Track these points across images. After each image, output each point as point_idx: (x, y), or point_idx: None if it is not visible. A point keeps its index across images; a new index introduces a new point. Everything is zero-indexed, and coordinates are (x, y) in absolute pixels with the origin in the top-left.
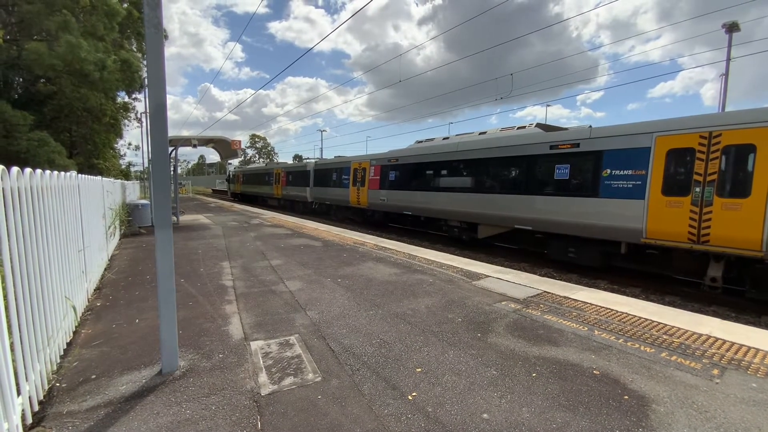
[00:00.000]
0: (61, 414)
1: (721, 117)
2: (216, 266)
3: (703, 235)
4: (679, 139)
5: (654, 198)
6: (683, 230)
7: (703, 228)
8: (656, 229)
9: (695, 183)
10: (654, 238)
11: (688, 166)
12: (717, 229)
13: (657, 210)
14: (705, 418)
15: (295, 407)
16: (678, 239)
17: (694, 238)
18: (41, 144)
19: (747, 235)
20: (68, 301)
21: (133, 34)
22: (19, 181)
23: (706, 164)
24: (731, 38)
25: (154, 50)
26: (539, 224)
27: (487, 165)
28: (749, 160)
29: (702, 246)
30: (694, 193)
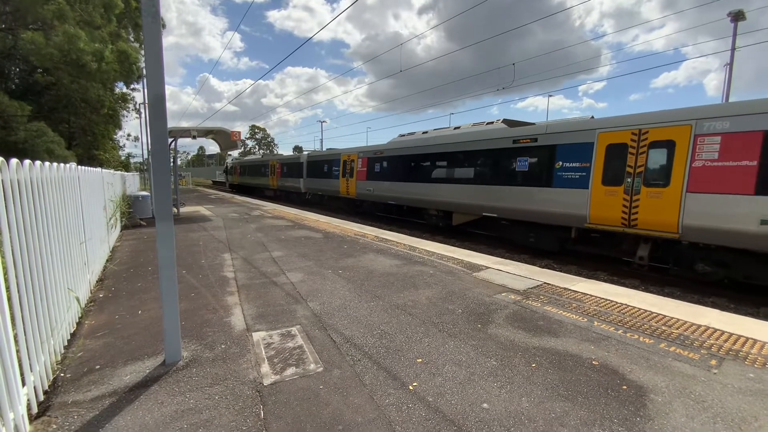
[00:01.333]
0: (66, 404)
1: (649, 116)
2: (217, 258)
3: (633, 219)
4: (616, 136)
5: (595, 187)
6: (618, 216)
7: (633, 213)
8: (597, 215)
9: (627, 174)
10: (596, 224)
11: (623, 159)
12: (643, 214)
13: (598, 198)
14: (702, 407)
15: (297, 397)
16: (614, 224)
17: (626, 222)
18: (39, 134)
19: (666, 219)
20: (71, 293)
21: (130, 24)
22: (18, 173)
23: (636, 157)
24: (736, 27)
25: (152, 40)
26: (503, 212)
27: (459, 158)
28: (669, 154)
29: (632, 229)
30: (626, 183)
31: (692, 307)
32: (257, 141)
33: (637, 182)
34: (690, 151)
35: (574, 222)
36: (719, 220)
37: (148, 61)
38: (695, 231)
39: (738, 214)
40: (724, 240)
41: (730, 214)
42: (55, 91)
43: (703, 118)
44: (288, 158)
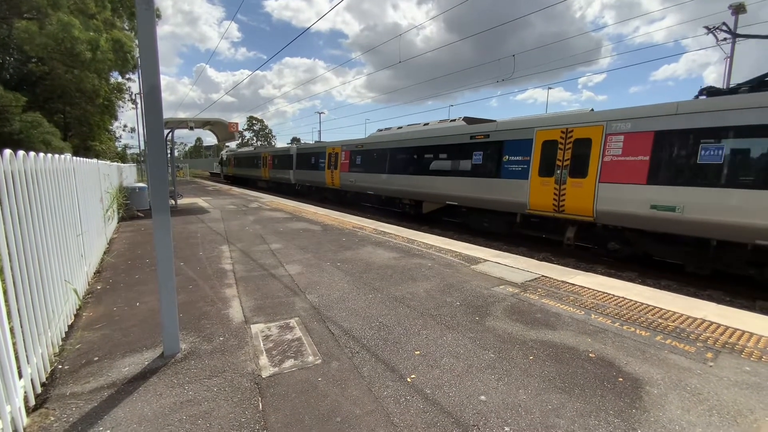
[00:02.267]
0: (64, 395)
1: (574, 116)
2: (215, 250)
3: (561, 206)
4: (549, 133)
5: (534, 178)
6: (550, 203)
7: (561, 201)
8: (535, 202)
9: (557, 167)
10: (534, 210)
11: (554, 154)
12: (568, 201)
13: (535, 188)
14: (698, 400)
15: (295, 389)
16: (547, 210)
17: (557, 208)
18: (35, 125)
19: (585, 205)
20: (69, 285)
21: (125, 12)
22: (12, 164)
23: (564, 152)
24: (737, 20)
25: (146, 29)
26: (463, 200)
27: (426, 152)
28: (587, 150)
29: (561, 214)
30: (556, 174)
31: (688, 300)
32: (255, 132)
33: (564, 174)
34: (602, 147)
35: (517, 208)
36: (622, 206)
37: (142, 50)
38: (605, 215)
39: (635, 200)
40: (626, 222)
41: (629, 200)
42: (49, 81)
43: (612, 120)
44: (279, 150)
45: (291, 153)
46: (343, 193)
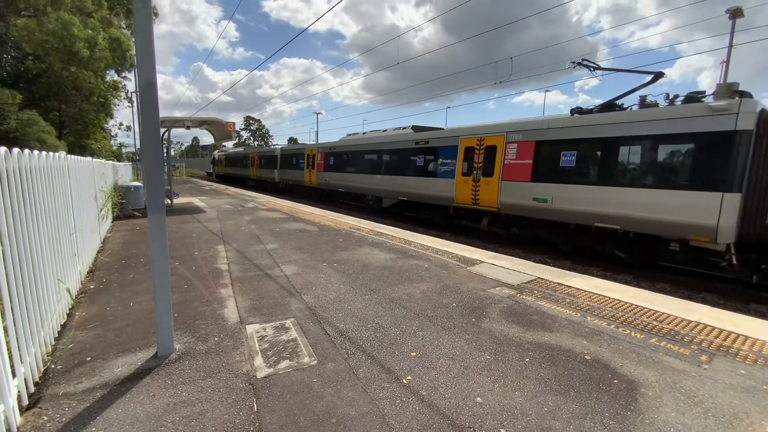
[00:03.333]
0: (57, 395)
1: (486, 127)
2: (211, 250)
3: (477, 199)
4: (469, 141)
5: (458, 177)
6: (470, 197)
7: (477, 195)
8: (459, 197)
9: (474, 168)
10: (459, 203)
11: (472, 158)
12: (482, 195)
13: (459, 185)
14: (692, 402)
15: (290, 390)
16: (468, 203)
17: (474, 202)
18: (30, 123)
19: (492, 198)
20: (62, 284)
21: (122, 10)
22: (6, 161)
23: (479, 156)
24: (734, 24)
25: (142, 25)
26: (411, 196)
27: (382, 155)
28: (494, 154)
29: (477, 206)
30: (474, 174)
31: (683, 303)
32: (252, 132)
33: (479, 174)
34: (503, 153)
35: (449, 202)
36: (515, 198)
37: (138, 46)
38: (505, 206)
39: (523, 194)
40: (518, 211)
41: (520, 195)
42: (46, 78)
43: (509, 131)
44: (265, 151)
45: (276, 154)
46: (320, 191)
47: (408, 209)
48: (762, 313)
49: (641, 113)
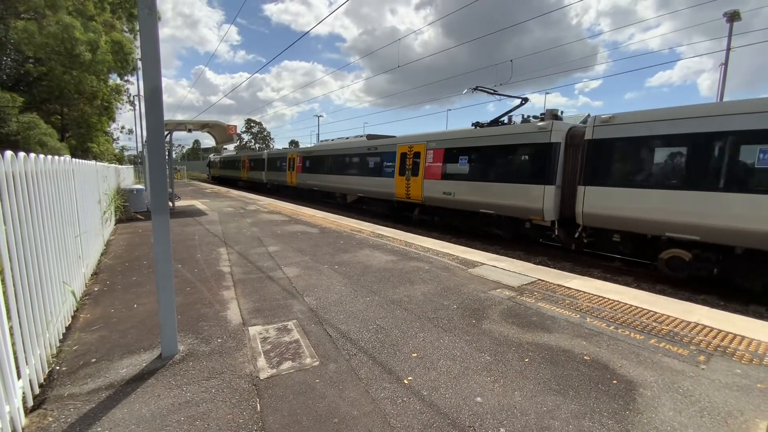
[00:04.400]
0: (62, 396)
1: (414, 137)
2: (213, 252)
3: (409, 194)
4: (403, 148)
5: (397, 177)
6: (404, 192)
7: (409, 191)
8: (398, 193)
9: (407, 169)
10: (398, 198)
11: (405, 161)
12: (412, 191)
13: (397, 183)
14: (690, 402)
15: (293, 390)
16: (404, 197)
17: (408, 196)
18: (31, 126)
19: (419, 193)
20: (67, 286)
21: (124, 14)
22: (13, 165)
23: (409, 160)
24: (732, 27)
25: (148, 33)
26: (365, 193)
27: (344, 158)
28: (419, 158)
29: (409, 200)
30: (406, 174)
31: (682, 304)
32: (253, 135)
33: (409, 173)
34: (425, 157)
35: (391, 197)
36: (433, 193)
37: (144, 53)
38: (427, 199)
39: (437, 189)
40: (434, 203)
41: (435, 190)
42: (47, 81)
43: (429, 140)
44: (254, 155)
45: (263, 157)
46: (300, 190)
47: (365, 204)
48: (760, 314)
49: (500, 129)
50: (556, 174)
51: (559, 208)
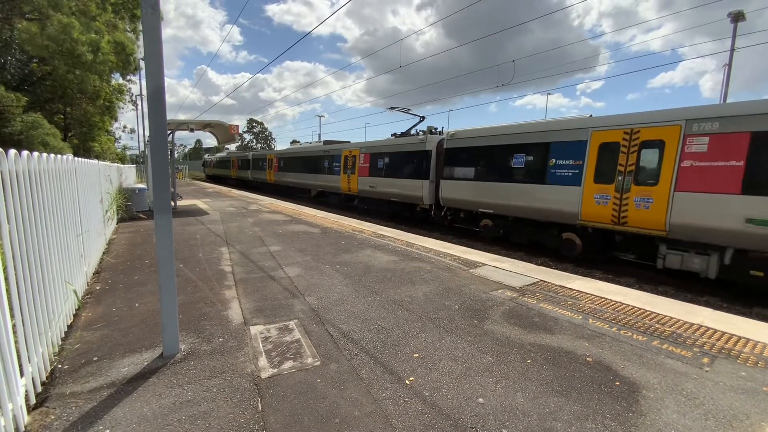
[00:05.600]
0: (64, 395)
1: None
2: (215, 252)
3: (350, 188)
4: (345, 152)
5: (342, 175)
6: (347, 187)
7: (350, 186)
8: (343, 187)
9: (348, 169)
10: (343, 191)
11: (347, 163)
12: (352, 185)
13: (342, 180)
14: (694, 404)
15: (294, 390)
16: (347, 191)
17: (348, 189)
18: (35, 126)
19: (356, 186)
20: (69, 285)
21: (127, 14)
22: (17, 164)
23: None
24: (736, 27)
25: (151, 32)
26: (323, 188)
27: (308, 160)
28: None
29: (350, 192)
30: (347, 171)
31: (685, 306)
32: (255, 135)
33: (350, 171)
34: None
35: (338, 190)
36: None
37: (147, 53)
38: (361, 191)
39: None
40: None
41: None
42: (51, 81)
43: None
44: (242, 155)
45: (249, 158)
46: (277, 186)
47: (324, 197)
48: (764, 316)
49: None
50: (430, 172)
51: (433, 195)
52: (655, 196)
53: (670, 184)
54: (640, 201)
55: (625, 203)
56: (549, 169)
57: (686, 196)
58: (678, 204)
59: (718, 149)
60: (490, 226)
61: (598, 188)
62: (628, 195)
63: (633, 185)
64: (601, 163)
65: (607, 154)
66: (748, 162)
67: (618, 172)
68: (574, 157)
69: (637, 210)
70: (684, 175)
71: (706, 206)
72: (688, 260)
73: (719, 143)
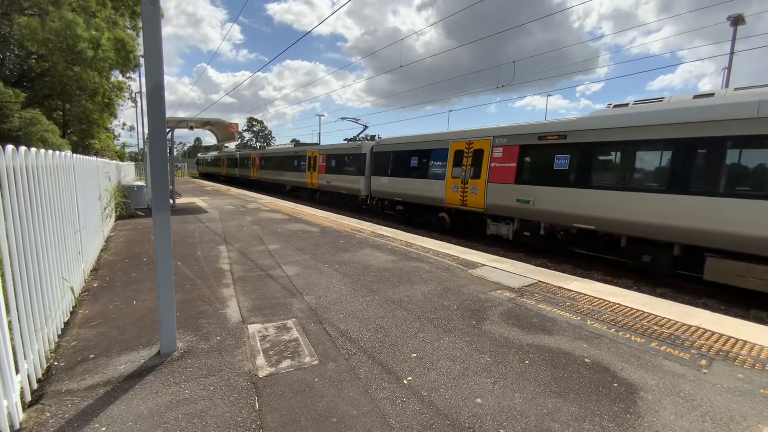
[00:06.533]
0: (60, 392)
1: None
2: (213, 250)
3: (313, 183)
4: (309, 153)
5: (307, 172)
6: (310, 182)
7: (312, 180)
8: (309, 183)
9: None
10: (309, 186)
11: (313, 162)
12: (315, 181)
13: (308, 176)
14: (691, 406)
15: (292, 389)
16: (311, 186)
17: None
18: (33, 122)
19: (317, 181)
20: (66, 282)
21: (127, 11)
22: (14, 159)
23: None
24: (736, 31)
25: (151, 28)
26: (294, 183)
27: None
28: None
29: (313, 186)
30: (311, 169)
31: (683, 308)
32: (255, 133)
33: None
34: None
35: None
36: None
37: (146, 49)
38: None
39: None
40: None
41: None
42: (50, 77)
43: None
44: (230, 154)
45: (236, 157)
46: (261, 183)
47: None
48: (761, 319)
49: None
50: (365, 170)
51: (368, 188)
52: (479, 186)
53: (486, 177)
54: (472, 189)
55: (466, 191)
56: (430, 168)
57: (492, 185)
58: (489, 191)
59: (505, 155)
60: (401, 211)
61: (454, 181)
62: (467, 185)
63: (469, 179)
64: (455, 164)
65: (458, 158)
66: (518, 164)
67: (462, 170)
68: (442, 160)
69: (471, 195)
70: (491, 171)
71: (500, 192)
72: (499, 228)
73: (506, 151)
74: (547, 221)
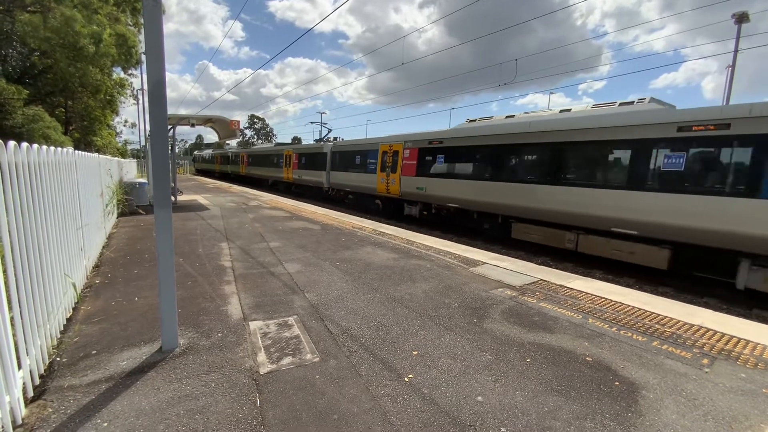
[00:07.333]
0: (62, 388)
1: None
2: (214, 247)
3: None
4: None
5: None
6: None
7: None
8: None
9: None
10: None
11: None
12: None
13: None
14: (693, 405)
15: (293, 386)
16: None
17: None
18: (36, 119)
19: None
20: (68, 278)
21: (128, 8)
22: (16, 155)
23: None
24: (740, 29)
25: (152, 24)
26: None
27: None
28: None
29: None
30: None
31: (685, 307)
32: (256, 131)
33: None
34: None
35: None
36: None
37: (148, 45)
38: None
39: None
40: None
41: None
42: (52, 74)
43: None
44: (223, 152)
45: (228, 154)
46: (247, 178)
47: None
48: (764, 318)
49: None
50: (327, 166)
51: (329, 181)
52: (396, 179)
53: (400, 171)
54: (392, 181)
55: (389, 182)
56: (368, 165)
57: (404, 177)
58: (402, 182)
59: (411, 155)
60: (351, 199)
61: (382, 174)
62: (389, 178)
63: (390, 173)
64: (383, 161)
65: (384, 157)
66: (417, 161)
67: (386, 165)
68: (375, 158)
69: (392, 185)
70: (403, 167)
71: (408, 182)
72: (411, 210)
73: (411, 152)
74: (435, 203)
